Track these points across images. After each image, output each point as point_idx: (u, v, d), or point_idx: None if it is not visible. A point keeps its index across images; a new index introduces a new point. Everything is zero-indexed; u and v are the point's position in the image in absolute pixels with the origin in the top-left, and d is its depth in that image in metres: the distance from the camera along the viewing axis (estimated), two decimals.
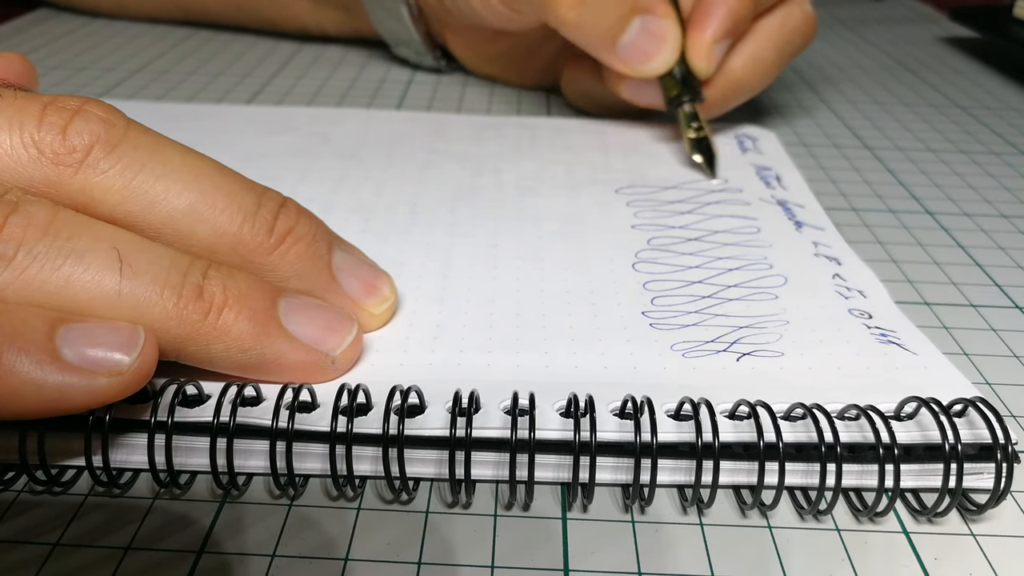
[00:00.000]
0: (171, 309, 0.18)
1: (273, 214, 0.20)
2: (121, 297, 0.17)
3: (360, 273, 0.22)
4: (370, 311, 0.22)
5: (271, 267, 0.20)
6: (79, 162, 0.18)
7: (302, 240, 0.20)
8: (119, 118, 0.19)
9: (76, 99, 0.19)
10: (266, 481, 0.19)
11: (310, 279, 0.21)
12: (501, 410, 0.19)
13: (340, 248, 0.22)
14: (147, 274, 0.18)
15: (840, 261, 0.27)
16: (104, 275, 0.17)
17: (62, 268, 0.17)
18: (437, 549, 0.17)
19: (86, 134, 0.19)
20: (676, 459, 0.18)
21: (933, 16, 0.63)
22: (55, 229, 0.17)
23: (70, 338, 0.16)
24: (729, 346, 0.22)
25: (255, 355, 0.19)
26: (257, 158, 0.33)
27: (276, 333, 0.19)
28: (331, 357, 0.20)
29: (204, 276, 0.18)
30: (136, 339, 0.17)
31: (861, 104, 0.45)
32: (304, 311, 0.20)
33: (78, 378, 0.16)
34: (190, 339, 0.18)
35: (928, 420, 0.19)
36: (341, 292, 0.21)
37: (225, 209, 0.19)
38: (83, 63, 0.45)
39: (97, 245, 0.17)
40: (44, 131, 0.18)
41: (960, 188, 0.35)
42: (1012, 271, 0.28)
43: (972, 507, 0.18)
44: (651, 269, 0.26)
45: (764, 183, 0.32)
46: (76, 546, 0.17)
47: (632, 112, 0.38)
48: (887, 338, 0.22)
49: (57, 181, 0.18)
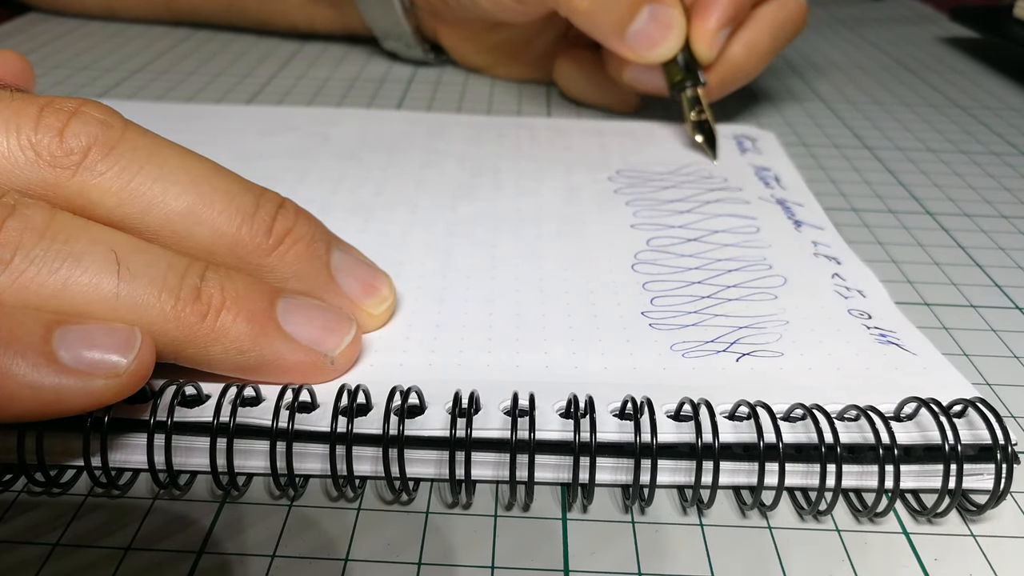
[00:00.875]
0: (168, 311, 0.18)
1: (271, 215, 0.20)
2: (119, 300, 0.17)
3: (359, 273, 0.22)
4: (369, 311, 0.22)
5: (270, 268, 0.20)
6: (76, 164, 0.18)
7: (301, 241, 0.20)
8: (116, 119, 0.19)
9: (73, 101, 0.19)
10: (266, 481, 0.19)
11: (309, 280, 0.20)
12: (501, 411, 0.19)
13: (338, 248, 0.22)
14: (144, 276, 0.18)
15: (839, 260, 0.27)
16: (101, 278, 0.17)
17: (59, 271, 0.17)
18: (437, 549, 0.17)
19: (83, 136, 0.18)
20: (676, 459, 0.18)
21: (933, 16, 0.63)
22: (52, 232, 0.17)
23: (67, 340, 0.16)
24: (729, 346, 0.22)
25: (254, 356, 0.18)
26: (257, 158, 0.33)
27: (274, 334, 0.19)
28: (330, 358, 0.20)
29: (202, 278, 0.18)
30: (133, 341, 0.17)
31: (861, 104, 0.45)
32: (302, 312, 0.20)
33: (74, 380, 0.16)
34: (188, 341, 0.18)
35: (928, 421, 0.19)
36: (340, 292, 0.21)
37: (223, 211, 0.19)
38: (82, 63, 0.45)
39: (94, 248, 0.17)
40: (41, 133, 0.18)
41: (960, 188, 0.35)
42: (1012, 271, 0.28)
43: (972, 507, 0.18)
44: (650, 269, 0.26)
45: (763, 183, 0.32)
46: (76, 546, 0.17)
47: (627, 107, 0.40)
48: (886, 338, 0.22)
49: (55, 184, 0.18)
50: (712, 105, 0.36)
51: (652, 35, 0.33)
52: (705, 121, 0.34)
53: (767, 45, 0.36)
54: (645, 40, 0.34)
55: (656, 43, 0.34)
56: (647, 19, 0.33)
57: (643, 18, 0.33)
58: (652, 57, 0.34)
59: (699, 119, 0.34)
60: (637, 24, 0.33)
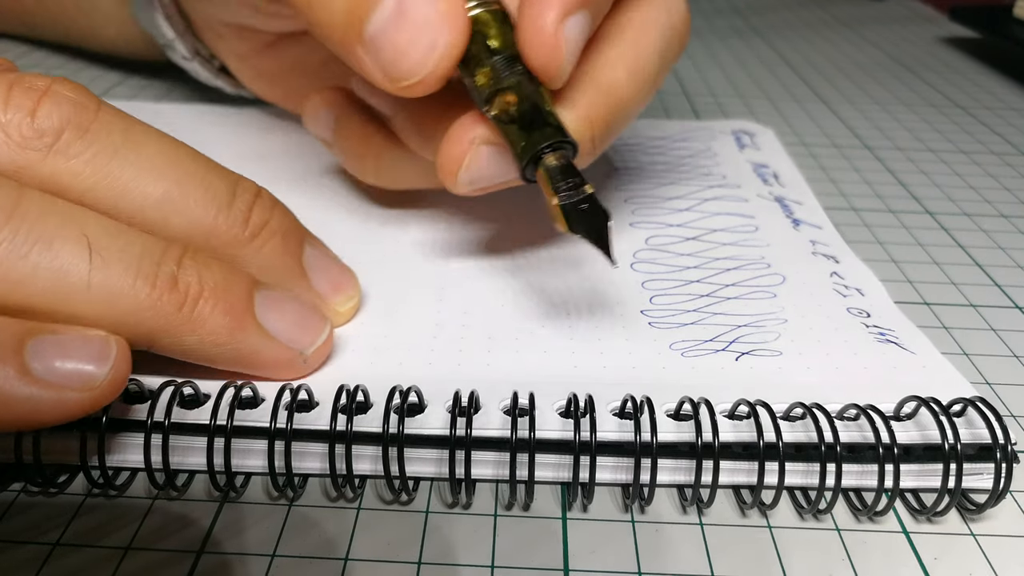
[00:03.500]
0: (143, 300, 0.17)
1: (248, 205, 0.20)
2: (91, 288, 0.17)
3: (329, 270, 0.22)
4: (336, 308, 0.22)
5: (243, 259, 0.20)
6: (48, 146, 0.18)
7: (277, 235, 0.20)
8: (90, 99, 0.19)
9: (44, 78, 0.18)
10: (265, 481, 0.19)
11: (281, 273, 0.20)
12: (501, 410, 0.19)
13: (310, 244, 0.21)
14: (118, 262, 0.17)
15: (838, 259, 0.27)
16: (73, 263, 0.16)
17: (28, 256, 0.16)
18: (437, 549, 0.17)
19: (56, 117, 0.18)
20: (676, 459, 0.18)
21: (933, 16, 0.63)
22: (20, 213, 0.16)
23: (39, 351, 0.16)
24: (728, 345, 0.22)
25: (229, 350, 0.18)
26: (257, 158, 0.33)
27: (252, 329, 0.18)
28: (304, 355, 0.19)
29: (179, 264, 0.18)
30: (108, 351, 0.16)
31: (861, 104, 0.45)
32: (280, 306, 0.19)
33: (48, 393, 0.15)
34: (163, 331, 0.17)
35: (928, 420, 0.19)
36: (309, 288, 0.21)
37: (200, 200, 0.19)
38: (81, 63, 0.45)
39: (65, 231, 0.17)
40: (11, 112, 0.17)
41: (960, 188, 0.35)
42: (1012, 271, 0.28)
43: (972, 507, 0.18)
44: (649, 269, 0.26)
45: (761, 180, 0.32)
46: (76, 546, 0.17)
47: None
48: (885, 337, 0.22)
49: (25, 166, 0.17)
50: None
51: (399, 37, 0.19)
52: (585, 198, 0.19)
53: (655, 65, 0.23)
54: (389, 46, 0.19)
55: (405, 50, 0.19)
56: (393, 9, 0.19)
57: (387, 7, 0.19)
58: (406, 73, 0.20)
59: (572, 200, 0.19)
60: (377, 19, 0.19)
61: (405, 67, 0.20)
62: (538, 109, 0.20)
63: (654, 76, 0.23)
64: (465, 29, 0.20)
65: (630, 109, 0.23)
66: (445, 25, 0.19)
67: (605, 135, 0.22)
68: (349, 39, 0.20)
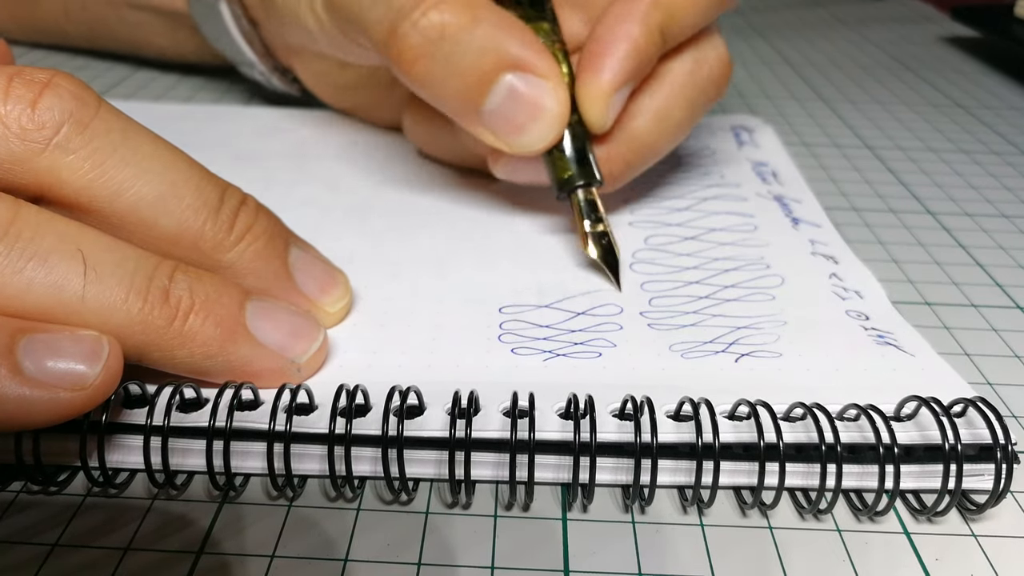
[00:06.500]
0: (135, 315, 0.17)
1: (234, 211, 0.20)
2: (84, 302, 0.17)
3: (315, 271, 0.22)
4: (326, 309, 0.22)
5: (228, 264, 0.20)
6: (47, 140, 0.17)
7: (260, 238, 0.20)
8: (91, 96, 0.19)
9: (45, 71, 0.18)
10: (264, 482, 0.19)
11: (267, 277, 0.20)
12: (500, 411, 0.19)
13: (296, 246, 0.22)
14: (112, 277, 0.17)
15: (837, 260, 0.27)
16: (67, 279, 0.17)
17: (24, 271, 0.16)
18: (437, 550, 0.17)
19: (57, 110, 0.18)
20: (676, 459, 0.18)
21: (934, 15, 0.63)
22: (17, 228, 0.16)
23: (31, 350, 0.16)
24: (727, 347, 0.22)
25: (220, 361, 0.18)
26: (253, 158, 0.33)
27: (243, 339, 0.18)
28: (296, 364, 0.19)
29: (171, 279, 0.18)
30: (100, 350, 0.16)
31: (862, 104, 0.44)
32: (271, 316, 0.19)
33: (40, 392, 0.15)
34: (154, 345, 0.17)
35: (928, 420, 0.19)
36: (297, 290, 0.21)
37: (191, 203, 0.19)
38: (80, 63, 0.45)
39: (61, 246, 0.17)
40: (11, 104, 0.17)
41: (961, 188, 0.35)
42: (1013, 271, 0.28)
43: (972, 507, 0.18)
44: (649, 269, 0.26)
45: (760, 178, 0.32)
46: (75, 546, 0.17)
47: None
48: (884, 339, 0.22)
49: (23, 158, 0.17)
50: None
51: (514, 117, 0.23)
52: (604, 234, 0.25)
53: (682, 114, 0.26)
54: (504, 123, 0.24)
55: (520, 128, 0.24)
56: (506, 95, 0.23)
57: (500, 92, 0.23)
58: (520, 147, 0.24)
59: (595, 230, 0.25)
60: (493, 100, 0.23)
61: (524, 140, 0.24)
62: (584, 150, 0.25)
63: (680, 123, 0.27)
64: (567, 100, 0.24)
65: (653, 152, 0.27)
66: (555, 101, 0.24)
67: (624, 173, 0.26)
68: (468, 113, 0.24)
